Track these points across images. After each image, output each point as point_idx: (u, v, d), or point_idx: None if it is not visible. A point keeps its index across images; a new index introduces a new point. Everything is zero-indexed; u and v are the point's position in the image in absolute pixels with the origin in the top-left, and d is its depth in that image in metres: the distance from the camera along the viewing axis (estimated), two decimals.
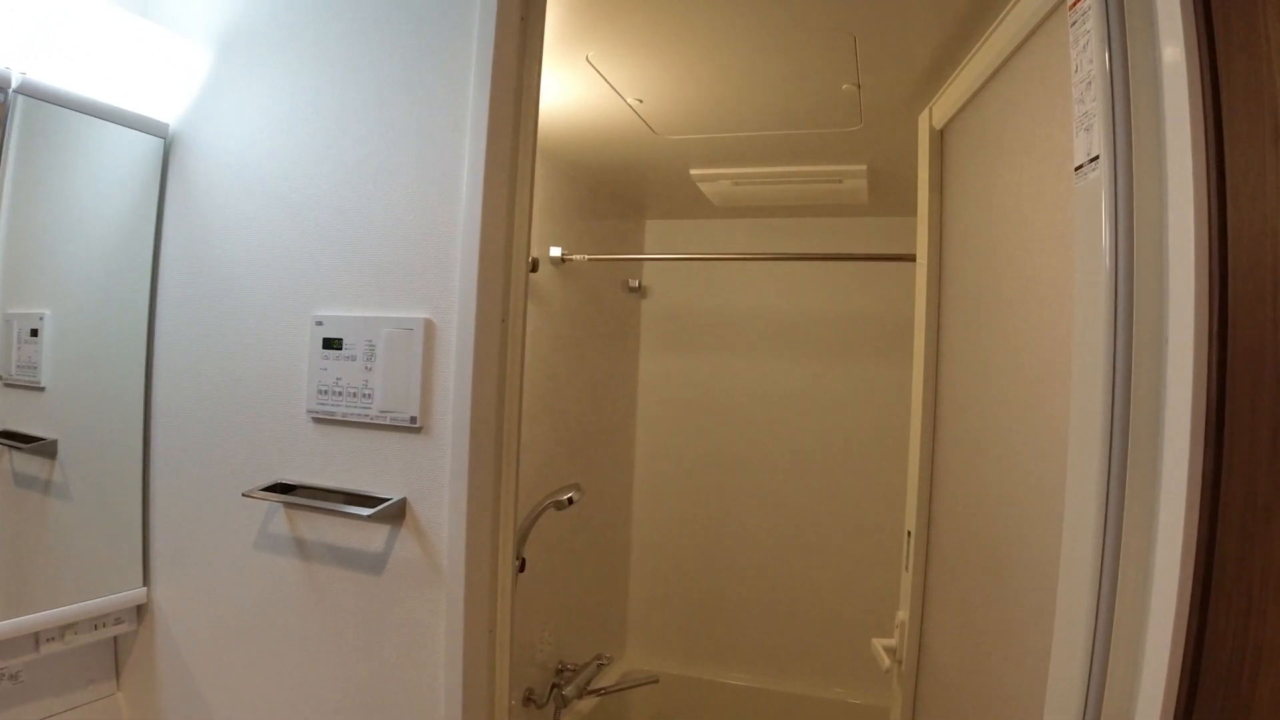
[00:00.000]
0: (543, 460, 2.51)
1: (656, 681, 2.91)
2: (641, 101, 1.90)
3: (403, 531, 1.16)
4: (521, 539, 2.22)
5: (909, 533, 1.70)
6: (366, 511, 1.11)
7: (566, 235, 2.60)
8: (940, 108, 1.65)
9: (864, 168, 2.33)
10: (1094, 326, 0.94)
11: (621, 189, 2.87)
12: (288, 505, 1.23)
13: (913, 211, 2.99)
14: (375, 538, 1.19)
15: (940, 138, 1.70)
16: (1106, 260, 0.94)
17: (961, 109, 1.56)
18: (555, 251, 2.47)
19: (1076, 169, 1.01)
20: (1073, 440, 0.95)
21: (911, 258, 1.81)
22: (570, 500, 2.24)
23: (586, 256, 2.46)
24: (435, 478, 1.15)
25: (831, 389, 3.10)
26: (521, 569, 2.26)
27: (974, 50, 1.44)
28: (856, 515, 3.08)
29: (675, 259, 2.48)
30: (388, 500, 1.15)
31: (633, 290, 3.22)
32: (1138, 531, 0.85)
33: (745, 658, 3.22)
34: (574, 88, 1.84)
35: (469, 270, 1.13)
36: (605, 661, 2.77)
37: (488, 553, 1.18)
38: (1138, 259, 0.92)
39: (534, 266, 2.21)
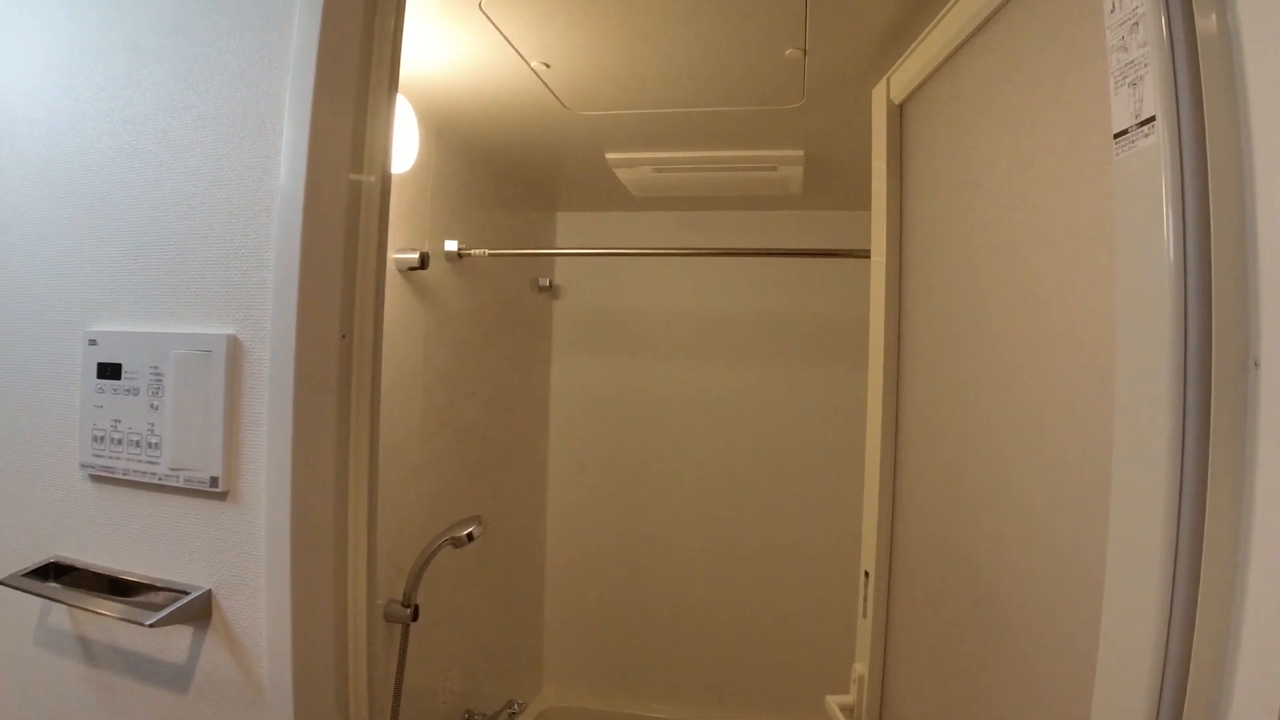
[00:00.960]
0: (439, 485, 2.18)
1: None
2: (548, 66, 1.60)
3: (209, 636, 0.84)
4: (414, 583, 1.91)
5: (866, 574, 1.45)
6: (149, 618, 0.78)
7: (466, 227, 2.28)
8: (901, 78, 1.40)
9: (801, 153, 2.08)
10: (1151, 343, 0.69)
11: (530, 176, 2.56)
12: (49, 598, 0.88)
13: (849, 205, 2.82)
14: (175, 643, 0.86)
15: (900, 114, 1.45)
16: (1169, 254, 0.69)
17: (929, 78, 1.31)
18: (451, 245, 2.15)
19: (1118, 136, 0.76)
20: (1121, 490, 0.71)
21: (865, 253, 1.57)
22: (470, 536, 1.93)
23: (487, 251, 2.15)
24: (248, 563, 0.82)
25: (768, 397, 2.85)
26: (414, 616, 1.94)
27: (948, 6, 1.19)
28: (800, 536, 2.84)
29: (589, 254, 2.20)
30: (185, 595, 0.82)
31: (543, 290, 2.91)
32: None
33: (674, 690, 2.95)
34: (468, 46, 1.53)
35: (288, 263, 0.81)
36: (518, 709, 2.46)
37: (328, 664, 0.86)
38: (1215, 253, 0.68)
39: (423, 262, 1.89)
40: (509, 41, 1.49)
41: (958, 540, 1.14)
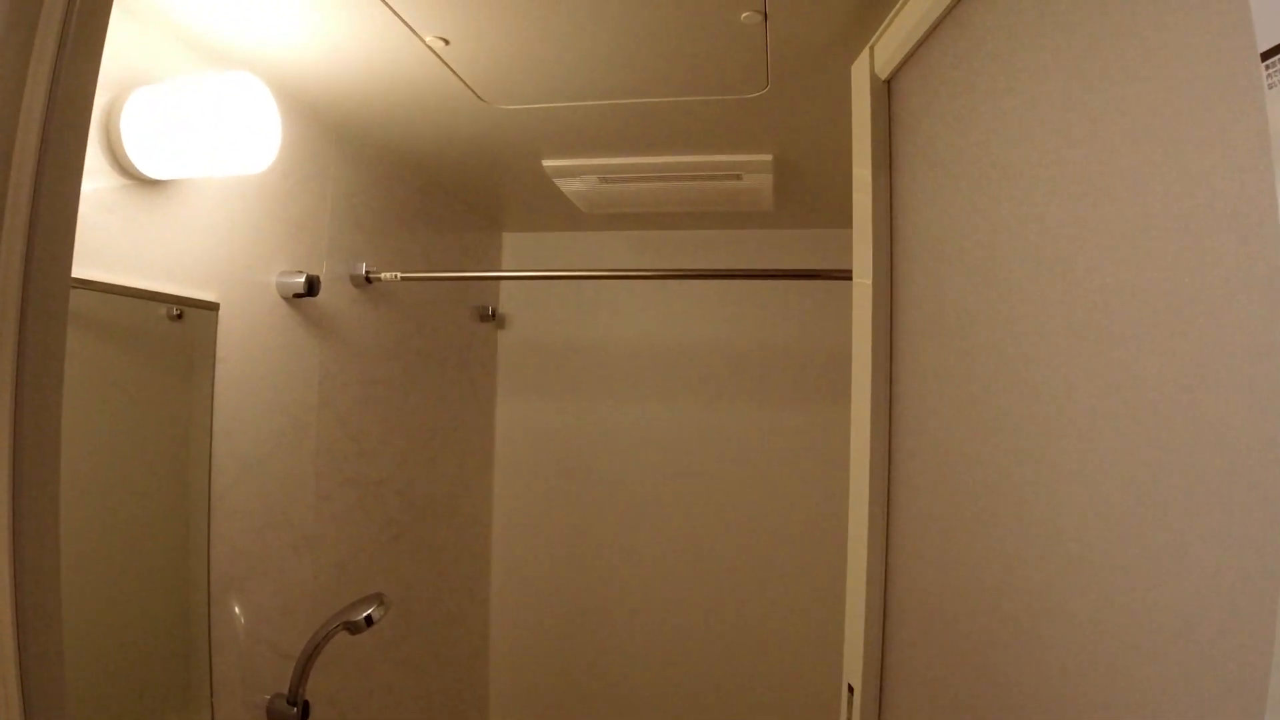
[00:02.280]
0: (348, 553, 1.83)
1: None
2: (446, 43, 1.28)
3: None
4: (302, 676, 1.56)
5: (849, 689, 1.11)
6: None
7: (384, 249, 1.95)
8: (887, 46, 1.09)
9: (769, 158, 1.77)
10: None
11: (464, 190, 2.24)
12: None
13: (828, 222, 2.49)
14: None
15: (887, 91, 1.14)
16: None
17: (925, 40, 1.00)
18: (359, 268, 1.81)
19: (1268, 56, 0.46)
20: None
21: (845, 274, 1.25)
22: (369, 620, 1.58)
23: (399, 274, 1.81)
24: None
25: (740, 437, 2.52)
26: (304, 715, 1.59)
27: None
28: (777, 600, 2.50)
29: (524, 276, 1.88)
30: None
31: (486, 319, 2.58)
32: None
33: None
34: (348, 19, 1.21)
35: None
36: None
37: None
38: None
39: (310, 288, 1.56)
40: (389, 7, 1.17)
41: (983, 649, 0.81)
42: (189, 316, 1.36)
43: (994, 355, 0.80)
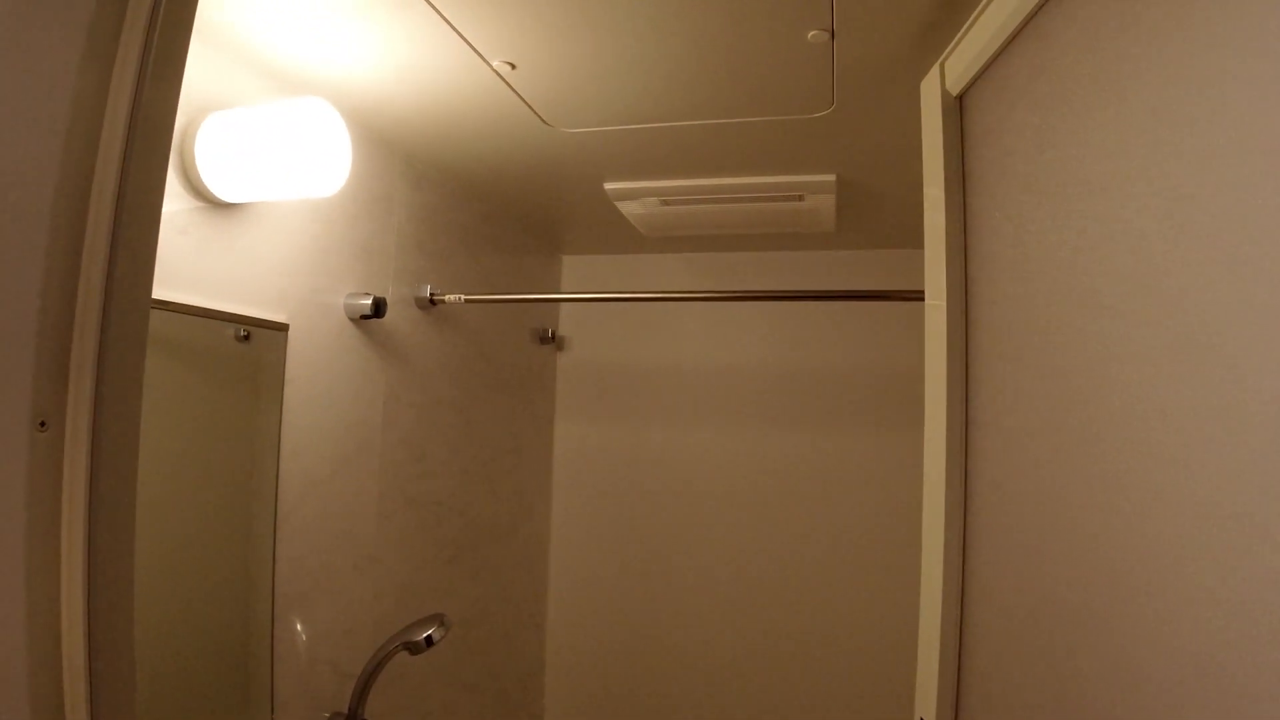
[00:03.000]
0: (408, 573, 1.84)
1: None
2: (513, 67, 1.29)
3: None
4: (361, 695, 1.56)
5: None
6: None
7: (447, 272, 1.97)
8: (959, 62, 1.06)
9: (832, 178, 1.75)
10: None
11: (526, 214, 2.26)
12: None
13: (893, 242, 2.46)
14: None
15: (959, 108, 1.12)
16: None
17: (1000, 53, 0.97)
18: (424, 291, 1.83)
19: None
20: None
21: (917, 295, 1.22)
22: (429, 640, 1.58)
23: (463, 297, 1.83)
24: None
25: (808, 465, 2.47)
26: None
27: None
28: (846, 637, 2.44)
29: (586, 298, 1.88)
30: None
31: (546, 341, 2.59)
32: None
33: None
34: (417, 45, 1.23)
35: None
36: None
37: None
38: None
39: (377, 309, 1.58)
40: (459, 33, 1.18)
41: (1069, 681, 0.77)
42: (256, 337, 1.39)
43: (1079, 377, 0.76)
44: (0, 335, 0.51)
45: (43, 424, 0.54)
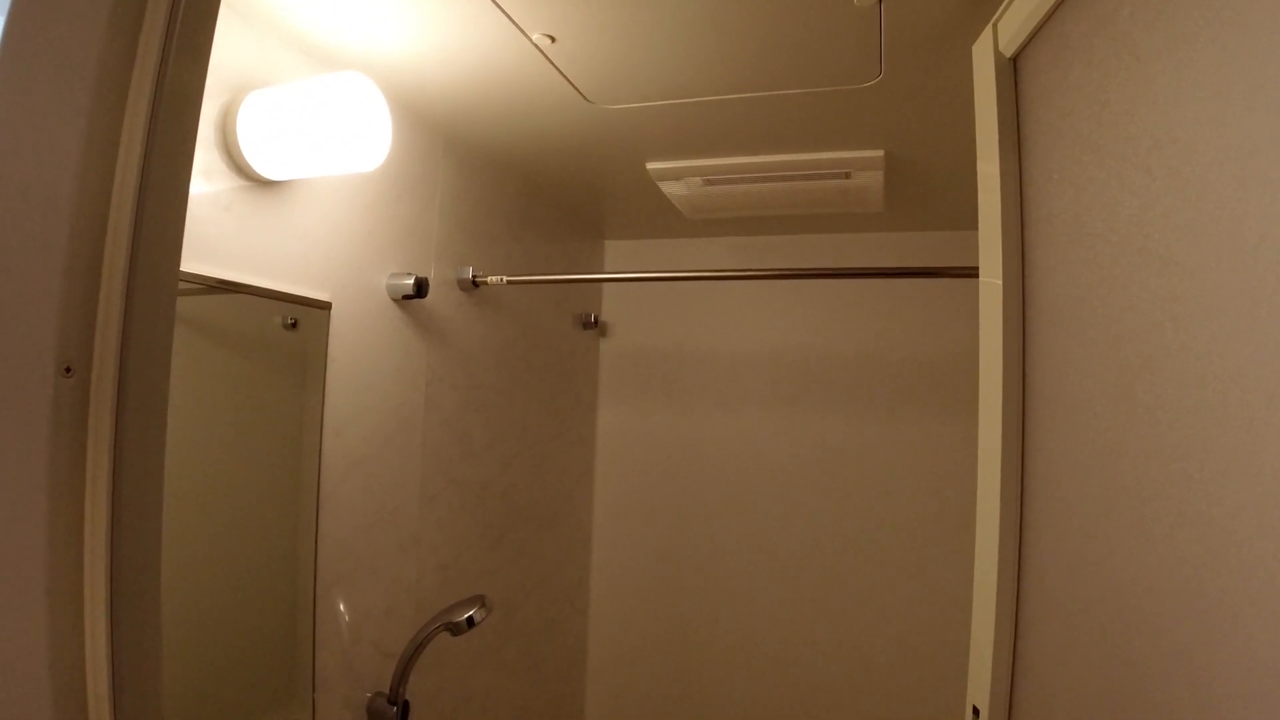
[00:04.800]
0: (450, 555, 1.84)
1: None
2: (553, 40, 1.27)
3: None
4: (402, 676, 1.56)
5: (975, 711, 1.03)
6: None
7: (489, 255, 1.96)
8: (1012, 22, 1.02)
9: (880, 154, 1.70)
10: None
11: (568, 197, 2.24)
12: None
13: (944, 224, 2.39)
14: None
15: (1013, 71, 1.07)
16: None
17: (1054, 11, 0.93)
18: (465, 273, 1.83)
19: None
20: None
21: (970, 272, 1.18)
22: (470, 621, 1.57)
23: (505, 278, 1.82)
24: None
25: (857, 453, 2.43)
26: (404, 715, 1.59)
27: None
28: (897, 632, 2.38)
29: (626, 278, 1.86)
30: None
31: (589, 327, 2.57)
32: None
33: None
34: (455, 18, 1.22)
35: None
36: None
37: None
38: None
39: (419, 290, 1.58)
40: (497, 5, 1.16)
41: (1130, 668, 0.73)
42: (301, 325, 1.40)
43: (1145, 340, 0.72)
44: (24, 279, 0.51)
45: (68, 369, 0.54)
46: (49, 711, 0.54)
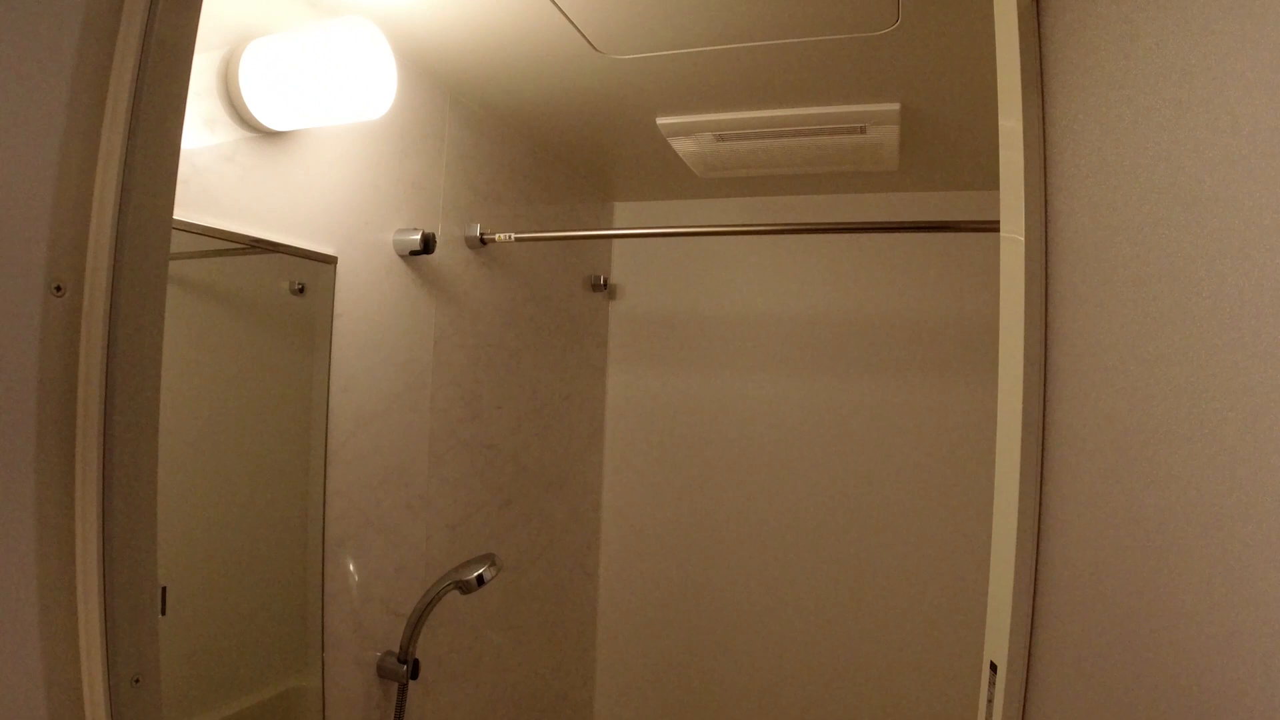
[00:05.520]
0: (460, 515, 1.84)
1: None
2: None
3: None
4: (412, 635, 1.56)
5: (992, 666, 1.02)
6: None
7: (496, 215, 1.93)
8: None
9: (896, 107, 1.66)
10: None
11: (577, 156, 2.21)
12: None
13: (959, 185, 2.35)
14: None
15: (1036, 10, 1.03)
16: None
17: None
18: (473, 230, 1.81)
19: None
20: None
21: (990, 226, 1.15)
22: (480, 579, 1.57)
23: (514, 235, 1.80)
24: None
25: (872, 415, 2.40)
26: (414, 673, 1.60)
27: None
28: (909, 591, 2.37)
29: (633, 234, 1.84)
30: None
31: (598, 289, 2.55)
32: None
33: None
34: None
35: None
36: None
37: None
38: None
39: (427, 245, 1.56)
40: None
41: (1143, 649, 0.71)
42: (309, 290, 1.39)
43: (1178, 282, 0.69)
44: (13, 194, 0.49)
45: (58, 289, 0.52)
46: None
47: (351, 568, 1.52)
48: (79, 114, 0.54)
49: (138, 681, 0.52)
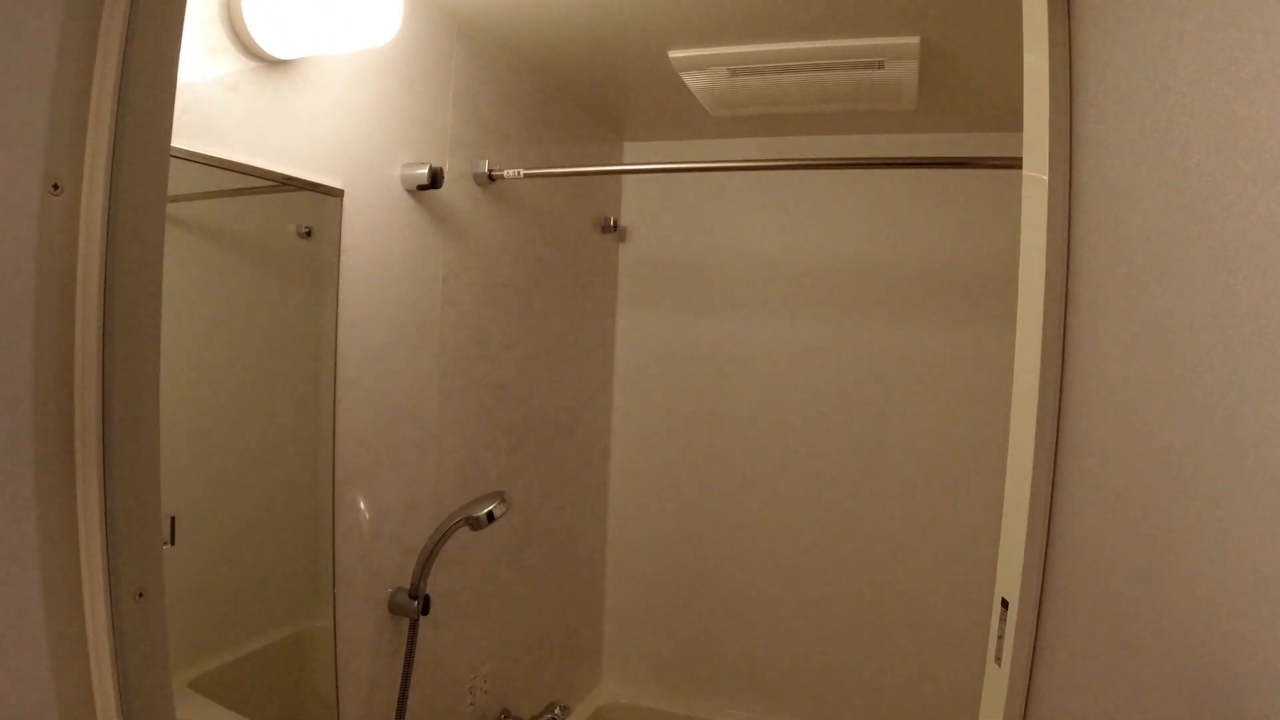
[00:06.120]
0: (470, 455, 1.84)
1: None
2: None
3: None
4: (423, 571, 1.58)
5: (1004, 602, 1.02)
6: None
7: (504, 152, 1.90)
8: None
9: (915, 40, 1.61)
10: None
11: (587, 93, 2.16)
12: None
13: (979, 126, 2.29)
14: None
15: None
16: None
17: None
18: (482, 166, 1.78)
19: None
20: None
21: (1012, 163, 1.12)
22: (490, 516, 1.58)
23: (522, 171, 1.77)
24: None
25: (884, 361, 2.38)
26: (424, 609, 1.62)
27: None
28: (918, 532, 2.38)
29: (645, 169, 1.80)
30: None
31: (608, 231, 2.52)
32: None
33: (752, 694, 2.56)
34: None
35: None
36: (560, 714, 2.12)
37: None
38: None
39: (434, 179, 1.54)
40: None
41: (1162, 581, 0.71)
42: (316, 233, 1.39)
43: (1209, 206, 0.67)
44: (10, 91, 0.47)
45: (55, 186, 0.51)
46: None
47: (362, 505, 1.53)
48: (77, 7, 0.52)
49: (141, 596, 0.52)
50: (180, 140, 1.09)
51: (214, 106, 1.16)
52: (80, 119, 0.53)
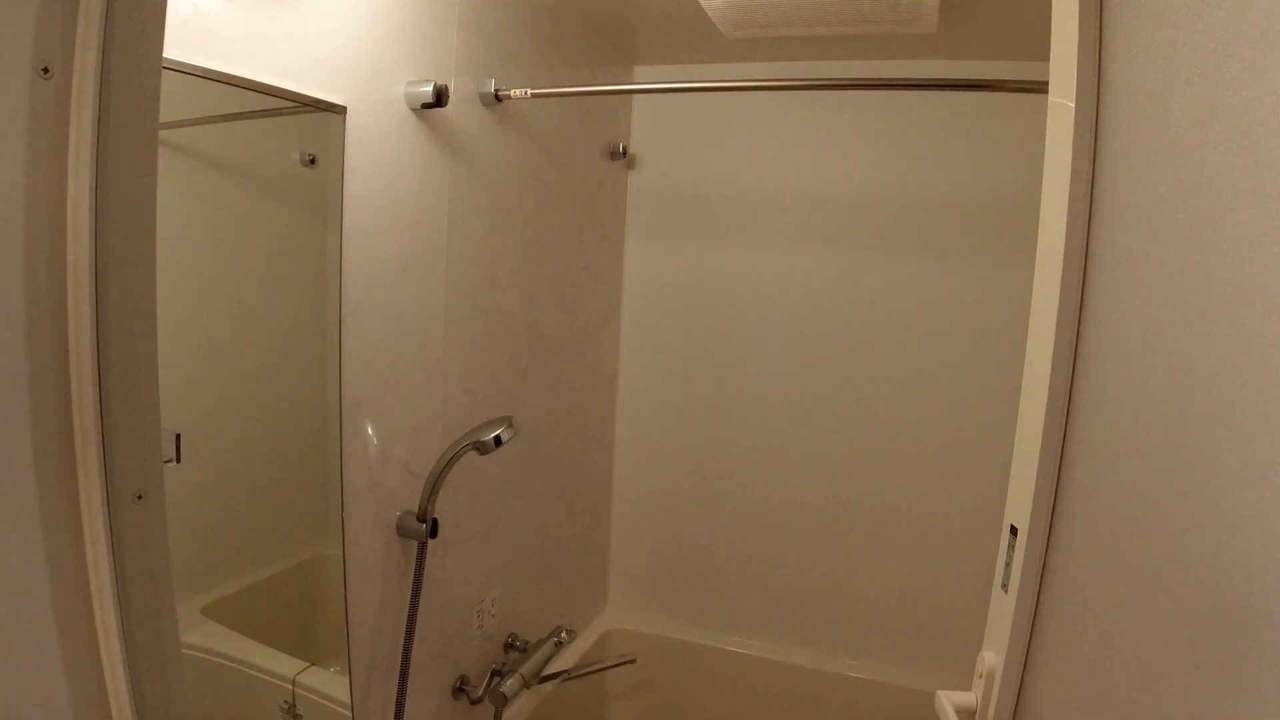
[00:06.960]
0: (477, 381, 1.83)
1: (633, 661, 2.32)
2: None
3: None
4: (431, 494, 1.58)
5: (1012, 529, 1.02)
6: None
7: (511, 72, 1.85)
8: None
9: None
10: None
11: (594, 14, 2.09)
12: None
13: (1000, 54, 2.21)
14: None
15: None
16: None
17: None
18: (488, 85, 1.73)
19: None
20: None
21: (1038, 87, 1.08)
22: (498, 440, 1.58)
23: (530, 91, 1.72)
24: None
25: (899, 293, 2.34)
26: (432, 532, 1.63)
27: None
28: (927, 460, 2.38)
29: (657, 89, 1.76)
30: None
31: (616, 158, 2.47)
32: None
33: (759, 622, 2.60)
34: None
35: None
36: (566, 638, 2.16)
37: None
38: None
39: (439, 98, 1.50)
40: None
41: (1177, 505, 0.70)
42: (320, 161, 1.38)
43: (1243, 121, 0.64)
44: None
45: (45, 70, 0.49)
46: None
47: (369, 429, 1.53)
48: None
49: (140, 498, 0.52)
50: (180, 54, 1.06)
51: (213, 18, 1.12)
52: (71, 4, 0.50)
